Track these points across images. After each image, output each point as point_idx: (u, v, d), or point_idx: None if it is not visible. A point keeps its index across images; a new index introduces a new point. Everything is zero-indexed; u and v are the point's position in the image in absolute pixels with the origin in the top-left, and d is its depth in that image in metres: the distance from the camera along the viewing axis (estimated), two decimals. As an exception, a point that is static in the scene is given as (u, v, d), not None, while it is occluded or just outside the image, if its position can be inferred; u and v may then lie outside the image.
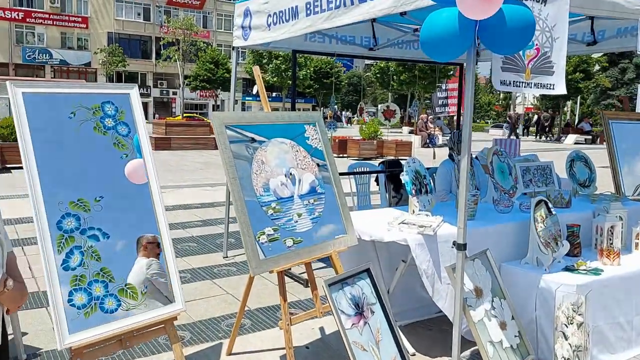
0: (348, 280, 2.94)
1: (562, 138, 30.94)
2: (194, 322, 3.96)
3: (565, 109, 39.28)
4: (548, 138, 31.87)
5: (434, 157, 5.96)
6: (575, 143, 29.04)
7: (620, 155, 4.92)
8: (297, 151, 3.28)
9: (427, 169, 5.70)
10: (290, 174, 3.17)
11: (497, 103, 57.59)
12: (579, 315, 3.10)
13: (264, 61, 34.82)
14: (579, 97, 38.44)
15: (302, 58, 35.13)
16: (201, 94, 47.78)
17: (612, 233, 3.87)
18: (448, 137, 6.40)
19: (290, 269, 3.71)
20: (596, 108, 38.16)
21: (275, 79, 35.47)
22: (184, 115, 38.40)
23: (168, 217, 2.94)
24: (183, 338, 3.66)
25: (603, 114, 5.01)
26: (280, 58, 34.67)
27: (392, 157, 17.42)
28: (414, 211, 3.78)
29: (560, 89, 3.11)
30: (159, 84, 54.18)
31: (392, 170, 5.75)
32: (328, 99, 44.78)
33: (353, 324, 2.83)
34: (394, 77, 32.74)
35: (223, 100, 49.98)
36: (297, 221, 3.10)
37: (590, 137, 30.16)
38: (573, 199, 4.42)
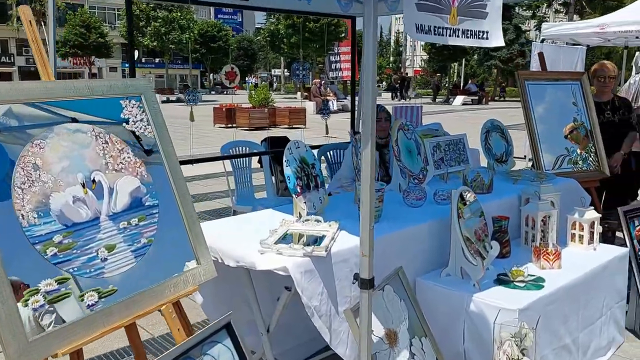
0: (193, 352, 1.84)
1: (451, 100, 31.61)
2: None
3: (452, 70, 40.32)
4: (399, 99, 32.19)
5: (327, 132, 4.94)
6: (463, 104, 29.76)
7: (537, 123, 4.21)
8: (107, 142, 2.05)
9: (319, 147, 4.66)
10: (93, 181, 1.96)
11: (388, 66, 58.27)
12: (523, 353, 2.25)
13: (142, 24, 31.72)
14: (463, 59, 39.56)
15: (184, 20, 32.57)
16: (74, 61, 43.18)
17: (546, 224, 3.10)
18: (342, 104, 5.42)
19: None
20: (479, 69, 39.61)
21: (155, 44, 32.58)
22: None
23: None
24: None
25: (518, 73, 4.25)
26: (160, 20, 31.77)
27: (286, 129, 16.36)
28: (300, 215, 2.74)
29: (497, 40, 2.16)
30: (25, 52, 48.29)
31: (276, 152, 4.65)
32: (216, 65, 42.43)
33: None
34: (284, 40, 31.27)
35: (100, 68, 45.74)
36: (106, 259, 1.91)
37: (476, 97, 31.05)
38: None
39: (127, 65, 46.41)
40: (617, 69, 4.76)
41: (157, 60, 42.75)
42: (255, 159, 5.09)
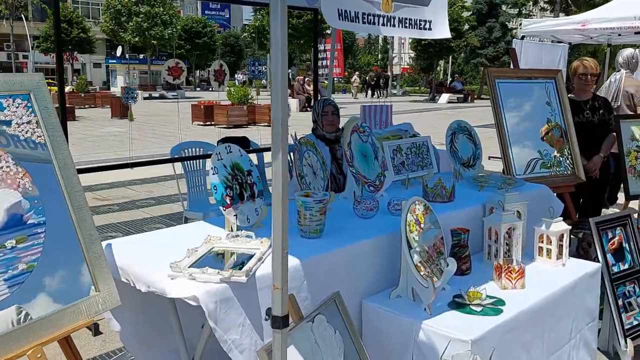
0: (66, 406, 1.52)
1: (437, 97, 31.42)
2: None
3: (438, 68, 40.14)
4: (377, 96, 31.84)
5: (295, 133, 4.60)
6: (449, 102, 29.58)
7: (508, 124, 3.93)
8: (-21, 150, 1.73)
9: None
10: (-45, 197, 1.64)
11: (375, 64, 57.94)
12: (478, 391, 1.96)
13: (123, 19, 31.08)
14: (450, 57, 39.36)
15: (167, 15, 32.00)
16: (58, 57, 42.39)
17: (511, 237, 2.81)
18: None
19: None
20: (466, 67, 39.47)
21: (137, 39, 31.94)
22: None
23: None
24: None
25: (488, 71, 3.97)
26: (142, 16, 31.12)
27: (266, 126, 15.98)
28: (232, 229, 2.43)
29: (442, 31, 1.85)
30: (5, 47, 47.41)
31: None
32: (202, 61, 41.88)
33: None
34: (267, 36, 30.82)
35: (84, 64, 45.08)
36: (-33, 291, 1.60)
37: (462, 95, 30.87)
38: (456, 186, 3.31)
39: (110, 61, 45.73)
40: (599, 66, 4.50)
41: (141, 56, 42.15)
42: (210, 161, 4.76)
